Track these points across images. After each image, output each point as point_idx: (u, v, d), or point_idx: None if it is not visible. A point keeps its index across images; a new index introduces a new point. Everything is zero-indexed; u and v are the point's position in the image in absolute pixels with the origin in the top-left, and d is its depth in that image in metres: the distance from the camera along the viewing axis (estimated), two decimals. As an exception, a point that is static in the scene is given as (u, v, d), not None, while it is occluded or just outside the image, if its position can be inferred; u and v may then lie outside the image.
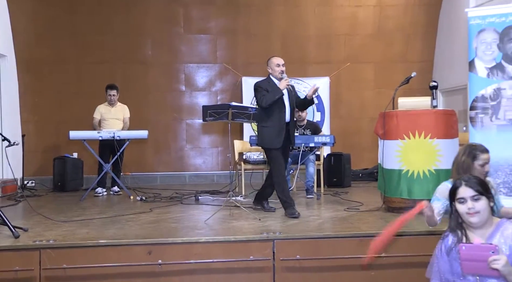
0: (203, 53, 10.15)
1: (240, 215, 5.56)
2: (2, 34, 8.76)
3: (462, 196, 2.60)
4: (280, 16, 10.12)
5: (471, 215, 2.57)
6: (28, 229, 4.84)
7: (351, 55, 10.16)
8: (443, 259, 2.70)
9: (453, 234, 2.68)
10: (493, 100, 5.62)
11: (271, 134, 5.65)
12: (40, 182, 8.87)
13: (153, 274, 4.26)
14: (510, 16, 5.58)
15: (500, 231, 2.61)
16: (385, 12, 10.25)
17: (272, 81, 5.76)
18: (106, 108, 8.08)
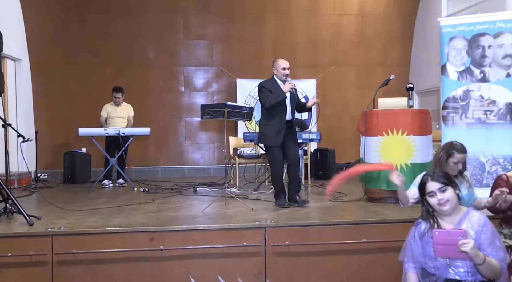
0: (200, 57, 10.13)
1: (234, 205, 5.56)
2: (18, 40, 8.74)
3: (431, 190, 2.64)
4: (271, 24, 10.11)
5: (442, 205, 2.62)
6: (41, 217, 4.83)
7: (335, 59, 10.18)
8: (417, 244, 2.72)
9: (426, 222, 2.71)
10: (462, 101, 5.65)
11: (272, 132, 5.51)
12: (52, 175, 8.84)
13: (155, 259, 4.26)
14: (478, 25, 5.60)
15: (468, 218, 2.65)
16: (366, 21, 10.27)
17: (276, 82, 5.57)
18: (112, 107, 8.06)
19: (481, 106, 5.59)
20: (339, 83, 10.25)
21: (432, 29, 8.87)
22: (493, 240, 2.59)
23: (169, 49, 9.96)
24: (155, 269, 4.28)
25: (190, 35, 10.02)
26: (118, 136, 7.51)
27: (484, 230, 2.60)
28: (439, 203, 2.61)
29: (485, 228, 2.60)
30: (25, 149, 6.80)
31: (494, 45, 5.54)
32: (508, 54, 5.51)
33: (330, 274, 4.31)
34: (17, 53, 8.61)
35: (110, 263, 4.24)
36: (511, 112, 5.50)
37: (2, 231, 4.37)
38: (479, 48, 5.57)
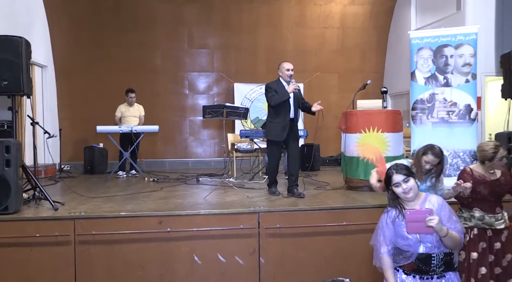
0: (202, 64, 10.11)
1: (232, 193, 5.57)
2: (44, 50, 8.72)
3: (396, 182, 2.68)
4: (264, 35, 10.10)
5: (406, 193, 2.67)
6: (64, 203, 4.83)
7: (320, 66, 10.19)
8: (389, 228, 2.75)
9: (394, 208, 2.75)
10: (429, 103, 5.68)
11: (277, 129, 5.34)
12: (74, 167, 8.82)
13: (163, 239, 4.28)
14: (442, 38, 5.64)
15: (428, 201, 2.74)
16: (346, 33, 10.28)
17: (281, 83, 5.39)
18: (125, 107, 8.04)
19: (444, 107, 5.64)
20: (323, 87, 10.25)
21: (403, 40, 8.90)
22: (450, 216, 2.71)
23: (175, 57, 9.93)
24: (163, 248, 4.30)
25: (193, 44, 10.00)
26: (131, 132, 7.51)
27: (443, 208, 2.71)
28: (403, 191, 2.67)
29: (443, 207, 2.72)
30: (51, 144, 6.81)
31: (455, 55, 5.59)
32: (467, 62, 5.55)
33: (315, 252, 4.35)
34: (43, 60, 8.59)
35: (124, 243, 4.26)
36: (469, 112, 5.55)
37: (31, 215, 4.38)
38: (442, 57, 5.61)
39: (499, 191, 3.51)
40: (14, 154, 4.35)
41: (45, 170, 7.69)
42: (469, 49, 5.54)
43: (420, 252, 2.66)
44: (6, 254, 4.18)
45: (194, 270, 4.31)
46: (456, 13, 7.78)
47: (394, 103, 9.99)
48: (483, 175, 3.48)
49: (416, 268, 2.68)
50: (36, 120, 5.85)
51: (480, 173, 3.49)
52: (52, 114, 8.96)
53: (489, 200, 3.52)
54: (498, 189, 3.49)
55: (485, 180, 3.46)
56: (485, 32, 6.90)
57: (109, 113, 8.26)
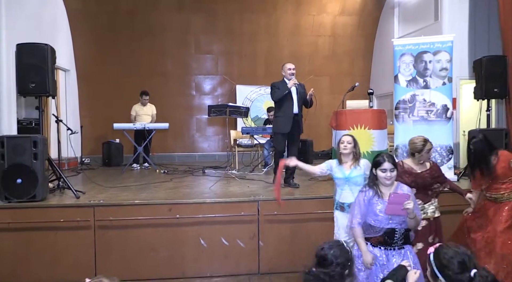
0: (208, 68, 10.09)
1: (234, 184, 5.59)
2: (68, 56, 8.72)
3: (385, 168, 2.82)
4: (263, 42, 10.07)
5: (388, 180, 2.84)
6: (85, 192, 4.86)
7: (313, 70, 10.16)
8: (365, 205, 2.88)
9: (372, 189, 2.89)
10: (410, 103, 5.69)
11: (281, 121, 5.29)
12: (93, 160, 8.82)
13: (173, 225, 4.30)
14: (421, 45, 5.64)
15: (399, 188, 2.90)
16: (337, 41, 10.26)
17: (285, 82, 5.41)
18: (139, 107, 8.05)
19: (424, 107, 5.64)
20: (316, 88, 9.86)
21: (387, 47, 8.88)
22: (415, 203, 2.89)
23: (183, 62, 9.91)
24: (172, 233, 4.32)
25: (199, 50, 9.98)
26: (144, 129, 7.51)
27: (412, 196, 2.91)
28: (386, 177, 2.82)
29: (411, 195, 2.88)
30: (73, 139, 6.82)
31: (433, 60, 5.58)
32: (444, 67, 5.55)
33: (308, 237, 4.36)
34: (66, 65, 8.58)
35: (138, 227, 4.29)
36: (446, 112, 5.56)
37: (56, 202, 4.41)
38: (422, 63, 5.61)
39: (422, 182, 3.55)
40: (41, 148, 4.37)
41: (68, 163, 7.71)
42: (446, 55, 5.54)
43: (387, 227, 2.81)
44: (35, 237, 4.21)
45: (200, 252, 4.33)
46: (434, 23, 7.77)
47: (379, 103, 9.98)
48: (411, 167, 3.54)
49: (382, 240, 2.83)
50: (60, 118, 5.85)
51: (409, 165, 3.57)
52: (74, 113, 8.96)
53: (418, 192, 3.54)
54: (421, 180, 3.54)
55: (411, 172, 3.52)
56: (460, 40, 6.89)
57: (125, 112, 8.26)
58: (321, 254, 1.99)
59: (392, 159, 2.86)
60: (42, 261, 4.19)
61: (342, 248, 2.03)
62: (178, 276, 4.28)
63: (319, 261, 1.97)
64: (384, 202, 2.80)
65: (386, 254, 2.83)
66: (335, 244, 2.05)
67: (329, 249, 1.99)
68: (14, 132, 6.37)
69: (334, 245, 2.02)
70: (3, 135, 4.56)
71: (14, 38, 5.83)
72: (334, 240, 2.18)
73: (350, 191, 3.49)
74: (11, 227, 4.17)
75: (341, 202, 3.56)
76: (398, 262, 2.67)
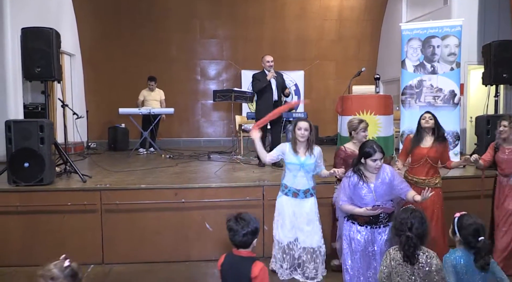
0: (213, 53, 10.03)
1: (240, 168, 5.61)
2: (72, 39, 8.67)
3: (376, 158, 2.96)
4: (269, 26, 9.96)
5: (377, 169, 3.00)
6: (92, 176, 4.90)
7: (320, 55, 10.07)
8: (350, 189, 3.05)
9: (356, 174, 3.04)
10: (417, 88, 5.64)
11: (261, 110, 5.69)
12: (99, 144, 8.88)
13: (178, 209, 4.34)
14: (430, 29, 5.57)
15: (382, 170, 3.06)
16: (343, 25, 10.12)
17: (264, 73, 5.83)
18: (147, 92, 8.06)
19: (431, 93, 5.60)
20: (322, 73, 10.17)
21: (395, 32, 8.76)
22: (400, 179, 3.15)
23: (188, 47, 9.84)
24: (178, 217, 4.36)
25: (205, 35, 9.90)
26: (149, 114, 7.52)
27: (396, 174, 3.13)
28: (376, 166, 2.98)
29: (395, 174, 3.11)
30: (79, 124, 6.85)
31: (441, 45, 5.52)
32: (452, 52, 5.48)
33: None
34: (71, 49, 8.56)
35: (144, 211, 4.33)
36: (453, 97, 5.51)
37: (63, 186, 4.45)
38: (430, 47, 5.54)
39: None
40: (47, 133, 4.40)
41: (74, 147, 7.75)
42: (454, 40, 5.46)
43: (374, 204, 2.98)
44: (42, 220, 4.28)
45: (205, 236, 4.38)
46: (443, 7, 7.62)
47: (386, 88, 9.89)
48: (353, 150, 3.68)
49: (368, 220, 3.02)
50: (66, 103, 5.87)
51: (351, 149, 3.73)
52: (79, 98, 8.97)
53: None
54: None
55: (354, 154, 3.61)
56: (468, 24, 6.77)
57: (130, 96, 8.27)
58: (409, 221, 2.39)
59: (380, 148, 2.99)
60: (49, 244, 4.26)
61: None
62: (183, 260, 4.34)
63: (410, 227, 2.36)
64: (369, 186, 2.99)
65: (372, 232, 3.05)
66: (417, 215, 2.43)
67: (412, 218, 2.40)
68: (21, 116, 6.41)
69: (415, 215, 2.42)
70: (10, 119, 4.58)
71: (19, 22, 5.81)
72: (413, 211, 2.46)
73: (304, 178, 3.56)
74: (19, 210, 4.24)
75: (295, 189, 3.61)
76: (384, 239, 3.00)
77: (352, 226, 3.10)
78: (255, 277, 2.26)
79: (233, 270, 2.35)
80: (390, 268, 2.38)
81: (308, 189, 3.64)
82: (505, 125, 3.71)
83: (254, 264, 2.30)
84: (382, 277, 2.43)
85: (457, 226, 2.44)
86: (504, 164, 3.75)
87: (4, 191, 4.29)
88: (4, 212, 4.23)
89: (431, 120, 3.81)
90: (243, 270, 2.29)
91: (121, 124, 8.81)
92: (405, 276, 2.31)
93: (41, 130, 4.36)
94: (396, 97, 7.32)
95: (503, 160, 3.75)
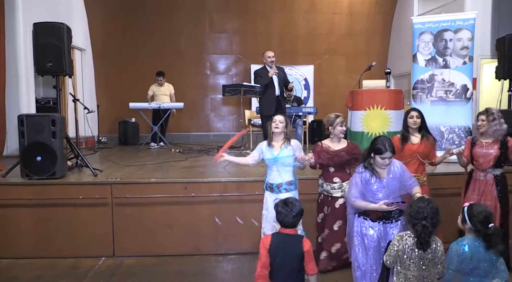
0: (222, 47, 10.01)
1: (248, 163, 5.61)
2: (83, 34, 8.73)
3: (385, 156, 2.96)
4: (278, 20, 9.91)
5: (386, 165, 3.00)
6: (103, 170, 4.95)
7: (329, 49, 10.00)
8: (362, 185, 3.03)
9: (368, 171, 3.03)
10: (428, 83, 5.58)
11: (264, 104, 5.92)
12: (110, 139, 8.95)
13: (188, 203, 4.37)
14: (442, 23, 5.49)
15: (392, 165, 3.06)
16: (354, 18, 10.02)
17: (266, 69, 5.97)
18: (156, 87, 8.10)
19: (443, 87, 5.53)
20: (332, 68, 10.10)
21: (406, 25, 8.66)
22: (410, 175, 3.15)
23: (198, 41, 9.84)
24: (187, 211, 4.39)
25: (214, 29, 9.88)
26: (159, 109, 7.56)
27: (405, 168, 3.13)
28: (384, 164, 2.98)
29: (404, 167, 3.13)
30: (90, 118, 6.90)
31: (454, 39, 5.44)
32: (465, 46, 5.40)
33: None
34: (82, 44, 8.61)
35: (154, 205, 4.37)
36: (465, 92, 5.44)
37: (75, 179, 4.51)
38: (442, 41, 5.47)
39: (338, 160, 3.74)
40: (59, 127, 4.45)
41: (85, 141, 7.83)
42: (467, 33, 5.38)
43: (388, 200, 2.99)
44: (54, 213, 4.34)
45: (215, 230, 4.40)
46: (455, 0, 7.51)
47: (396, 83, 9.79)
48: (328, 146, 3.76)
49: (381, 215, 3.01)
50: (77, 97, 5.92)
51: (326, 144, 3.79)
52: (90, 92, 9.03)
53: (329, 170, 3.81)
54: (338, 158, 3.74)
55: (328, 150, 3.73)
56: (482, 18, 6.66)
57: (141, 91, 8.31)
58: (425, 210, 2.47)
59: (392, 147, 2.97)
60: (61, 237, 4.33)
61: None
62: (193, 253, 4.38)
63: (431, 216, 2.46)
64: (381, 181, 2.99)
65: (384, 227, 3.04)
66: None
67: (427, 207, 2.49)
68: (33, 111, 6.49)
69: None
70: (23, 113, 4.64)
71: (31, 18, 5.86)
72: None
73: (277, 172, 3.54)
74: (32, 203, 4.30)
75: (270, 183, 3.61)
76: (395, 233, 2.94)
77: (364, 221, 3.07)
78: (307, 250, 2.59)
79: (284, 247, 2.60)
80: (401, 252, 2.49)
81: (281, 183, 3.55)
82: (483, 119, 3.72)
83: (304, 240, 2.63)
84: (389, 260, 2.54)
85: (467, 215, 2.52)
86: (481, 158, 3.73)
87: (17, 185, 4.36)
88: (17, 205, 4.31)
89: (418, 119, 3.79)
90: (295, 246, 2.60)
91: (131, 119, 8.87)
92: (416, 260, 2.47)
93: (53, 124, 4.41)
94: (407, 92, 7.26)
95: (480, 154, 3.74)
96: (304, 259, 2.58)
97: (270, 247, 2.60)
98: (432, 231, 2.44)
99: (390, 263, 2.55)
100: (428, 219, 2.43)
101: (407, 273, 2.47)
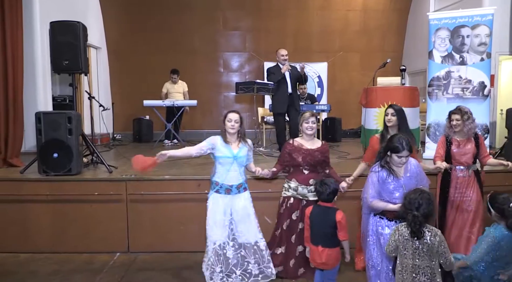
0: (236, 45, 10.02)
1: (262, 161, 5.58)
2: (99, 33, 8.87)
3: (402, 155, 2.92)
4: (292, 18, 9.88)
5: (402, 164, 2.97)
6: (117, 167, 5.00)
7: (343, 46, 9.92)
8: (379, 184, 2.99)
9: (385, 169, 3.00)
10: (444, 80, 5.50)
11: (276, 102, 5.91)
12: (124, 136, 9.03)
13: (201, 200, 4.31)
14: (459, 19, 5.40)
15: (409, 163, 3.03)
16: (368, 15, 9.93)
17: (278, 66, 5.96)
18: (170, 85, 8.15)
19: (459, 84, 5.44)
20: (346, 65, 10.02)
21: (422, 22, 8.53)
22: (424, 173, 3.13)
23: (211, 39, 9.86)
24: (201, 207, 4.33)
25: (227, 27, 9.90)
26: (173, 106, 7.60)
27: (420, 168, 3.12)
28: (401, 162, 2.95)
29: (420, 167, 3.11)
30: (105, 116, 7.00)
31: (471, 35, 5.34)
32: (482, 42, 5.30)
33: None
34: (98, 43, 8.73)
35: (168, 202, 4.41)
36: (483, 89, 5.35)
37: (90, 176, 4.57)
38: (459, 37, 5.38)
39: (311, 159, 3.60)
40: (75, 124, 4.51)
41: (100, 138, 7.94)
42: (485, 29, 5.28)
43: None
44: (70, 209, 4.41)
45: (228, 227, 4.41)
46: (473, -5, 7.36)
47: (412, 80, 9.67)
48: (301, 144, 3.65)
49: (397, 214, 2.93)
50: (92, 95, 6.00)
51: (299, 142, 3.67)
52: (105, 90, 9.16)
53: (303, 172, 3.65)
54: (311, 158, 3.60)
55: (301, 148, 3.62)
56: (500, 13, 6.52)
57: (155, 89, 8.37)
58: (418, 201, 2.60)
59: (409, 146, 2.94)
60: (77, 232, 4.40)
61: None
62: (206, 250, 4.40)
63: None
64: (398, 180, 2.96)
65: None
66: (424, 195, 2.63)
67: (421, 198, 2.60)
68: (50, 108, 6.60)
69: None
70: (40, 111, 4.72)
71: (48, 16, 5.96)
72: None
73: (237, 172, 3.45)
74: (49, 199, 4.38)
75: (227, 185, 3.46)
76: None
77: (380, 221, 3.03)
78: (339, 221, 3.08)
79: (321, 216, 3.16)
80: (398, 242, 2.63)
81: (241, 183, 3.53)
82: (458, 119, 3.72)
83: (338, 212, 3.14)
84: (390, 250, 2.69)
85: (489, 203, 2.81)
86: (463, 156, 3.74)
87: (34, 180, 4.45)
88: (34, 200, 4.39)
89: (393, 117, 3.65)
90: (330, 216, 3.12)
91: (145, 116, 8.94)
92: (410, 250, 2.58)
93: (69, 121, 4.47)
94: (422, 89, 7.16)
95: (459, 152, 3.75)
96: (337, 227, 3.07)
97: (311, 215, 3.19)
98: (422, 221, 2.53)
99: (389, 252, 2.71)
100: (420, 209, 2.55)
101: (403, 261, 2.62)
